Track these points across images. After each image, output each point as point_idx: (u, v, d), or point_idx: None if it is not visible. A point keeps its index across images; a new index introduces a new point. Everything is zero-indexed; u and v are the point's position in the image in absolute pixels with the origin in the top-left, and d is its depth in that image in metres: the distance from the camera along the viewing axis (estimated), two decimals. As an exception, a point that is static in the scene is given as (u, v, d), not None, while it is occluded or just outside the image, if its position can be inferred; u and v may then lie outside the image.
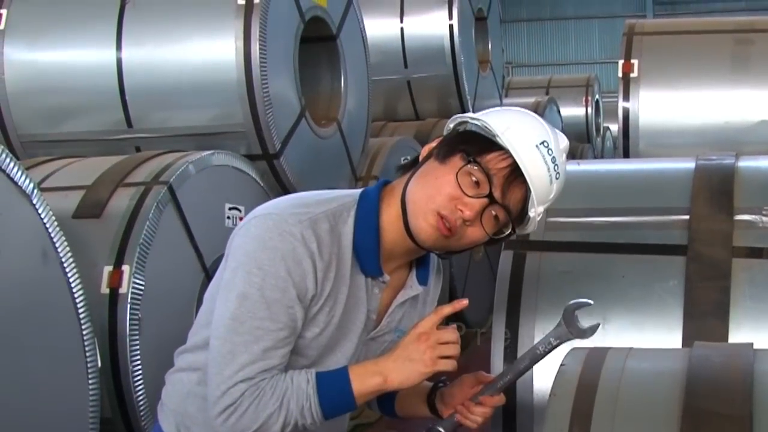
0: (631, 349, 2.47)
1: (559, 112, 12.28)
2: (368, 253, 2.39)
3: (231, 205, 5.12)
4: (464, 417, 2.52)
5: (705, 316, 3.17)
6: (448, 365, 2.36)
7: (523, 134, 2.34)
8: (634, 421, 2.14)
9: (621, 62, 6.19)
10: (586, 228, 3.61)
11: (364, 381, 2.34)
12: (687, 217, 3.51)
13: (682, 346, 3.02)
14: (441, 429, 2.59)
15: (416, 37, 8.74)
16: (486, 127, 2.32)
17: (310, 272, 2.27)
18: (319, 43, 6.36)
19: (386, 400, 2.75)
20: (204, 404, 2.36)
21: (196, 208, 4.83)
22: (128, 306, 4.19)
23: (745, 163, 3.84)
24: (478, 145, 2.32)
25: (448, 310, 2.38)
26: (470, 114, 2.44)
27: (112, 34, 5.50)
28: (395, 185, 2.45)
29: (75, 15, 5.74)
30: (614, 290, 3.32)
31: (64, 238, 3.66)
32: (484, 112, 2.47)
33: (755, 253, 3.32)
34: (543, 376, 3.09)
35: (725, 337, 3.01)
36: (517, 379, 2.62)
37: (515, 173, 2.29)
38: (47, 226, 3.59)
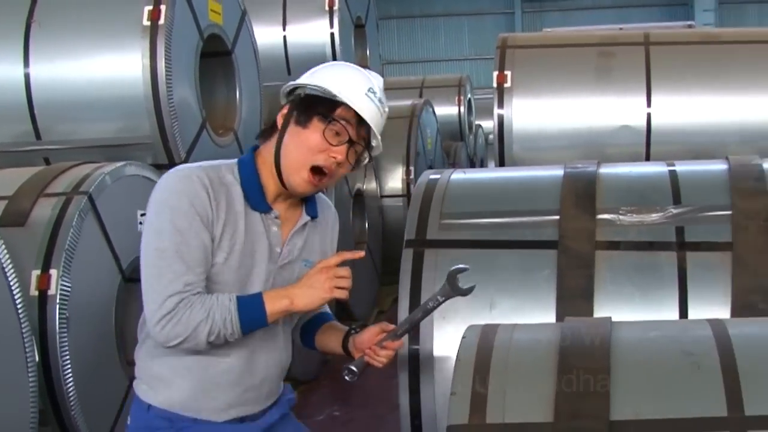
0: (516, 324, 3.15)
1: (434, 113, 12.62)
2: (254, 194, 3.03)
3: (142, 212, 5.41)
4: (371, 358, 3.16)
5: (574, 299, 3.78)
6: (343, 294, 3.04)
7: (354, 89, 3.01)
8: (521, 374, 2.81)
9: (495, 73, 6.69)
10: (474, 228, 4.15)
11: (275, 302, 2.96)
12: (557, 217, 4.10)
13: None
14: (354, 368, 3.22)
15: (299, 45, 9.12)
16: (326, 90, 2.98)
17: (206, 201, 2.90)
18: (215, 58, 6.80)
19: (308, 336, 3.40)
20: (153, 347, 3.02)
21: (112, 215, 5.26)
22: (57, 306, 4.64)
23: (605, 170, 4.46)
24: (327, 106, 2.97)
25: (348, 255, 3.10)
26: (302, 81, 3.07)
27: (19, 51, 5.87)
28: (262, 150, 3.09)
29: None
30: (499, 280, 3.90)
31: (3, 244, 4.15)
32: (312, 74, 3.10)
33: (613, 246, 3.96)
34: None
35: (590, 315, 3.65)
36: (412, 327, 3.30)
37: (358, 116, 2.99)
38: (-13, 234, 4.08)
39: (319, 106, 2.99)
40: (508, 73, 6.66)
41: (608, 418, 2.68)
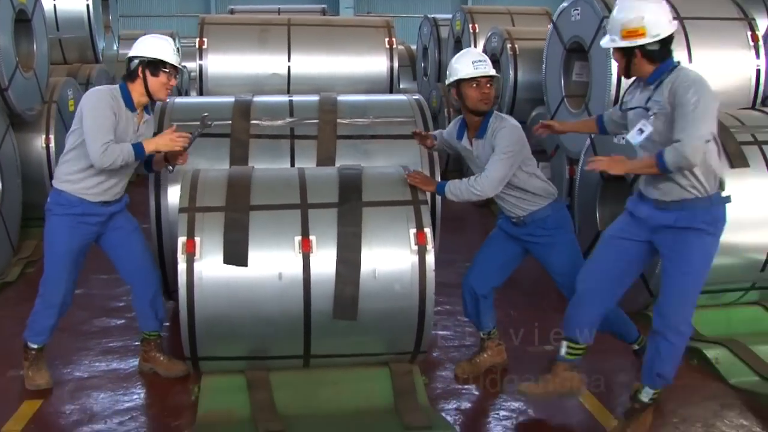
0: (211, 168, 4.81)
1: None
2: (129, 104, 4.47)
3: None
4: (181, 161, 4.67)
5: (238, 162, 5.26)
6: (178, 145, 4.47)
7: (164, 49, 4.47)
8: (212, 187, 4.42)
9: (198, 39, 7.75)
10: (188, 127, 4.89)
11: (149, 146, 4.39)
12: (230, 122, 5.51)
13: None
14: (170, 167, 4.69)
15: (65, 12, 9.92)
16: (161, 58, 4.42)
17: (111, 102, 4.32)
18: (22, 23, 7.66)
19: (148, 166, 4.77)
20: (69, 166, 4.41)
21: None
22: None
23: (257, 98, 5.88)
24: (161, 63, 4.45)
25: (172, 129, 4.49)
26: (142, 54, 4.43)
27: None
28: (129, 84, 4.47)
29: None
30: (202, 154, 5.18)
31: None
32: (145, 48, 4.43)
33: (258, 137, 5.45)
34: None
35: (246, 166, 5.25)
36: (192, 142, 4.54)
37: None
38: None
39: (160, 65, 4.44)
40: (205, 39, 7.75)
41: (249, 204, 4.38)
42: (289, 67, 7.89)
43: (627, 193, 5.87)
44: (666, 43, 3.86)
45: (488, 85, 4.46)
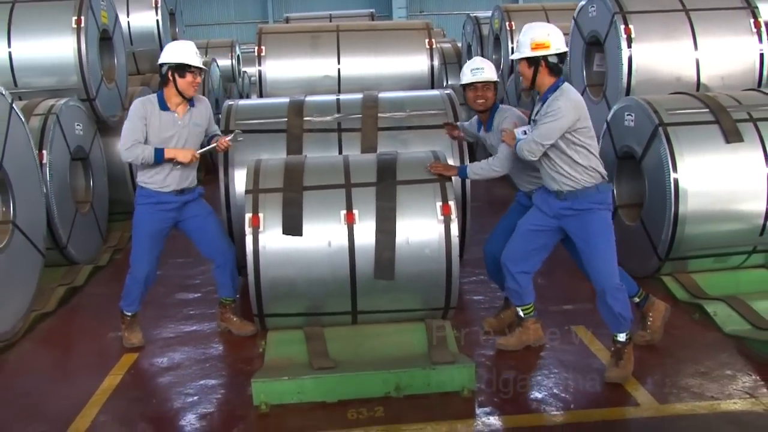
0: (269, 158, 5.69)
1: (218, 65, 14.17)
2: (164, 105, 5.27)
3: (77, 123, 7.57)
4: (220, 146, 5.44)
5: (294, 153, 6.09)
6: (194, 159, 5.30)
7: (187, 52, 5.22)
8: (272, 173, 5.26)
9: (256, 47, 8.59)
10: (251, 125, 6.27)
11: (168, 153, 5.20)
12: (286, 119, 6.37)
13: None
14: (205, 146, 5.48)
15: (138, 27, 10.93)
16: (184, 61, 5.16)
17: (142, 111, 5.16)
18: (105, 41, 8.64)
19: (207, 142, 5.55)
20: (143, 166, 5.25)
21: (65, 124, 7.24)
22: (47, 167, 6.76)
23: (309, 98, 6.72)
24: (186, 65, 5.18)
25: (193, 150, 5.32)
26: (171, 60, 5.15)
27: (4, 38, 7.71)
28: (165, 89, 5.25)
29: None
30: (264, 146, 6.11)
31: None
32: (172, 53, 5.12)
33: (310, 131, 6.29)
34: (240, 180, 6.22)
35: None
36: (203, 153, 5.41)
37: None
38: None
39: (185, 67, 5.21)
40: (263, 47, 8.59)
41: (303, 185, 5.21)
42: (339, 69, 8.69)
43: (639, 170, 6.63)
44: (561, 60, 4.75)
45: (484, 88, 5.30)
